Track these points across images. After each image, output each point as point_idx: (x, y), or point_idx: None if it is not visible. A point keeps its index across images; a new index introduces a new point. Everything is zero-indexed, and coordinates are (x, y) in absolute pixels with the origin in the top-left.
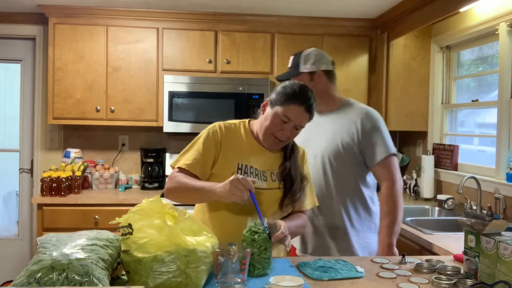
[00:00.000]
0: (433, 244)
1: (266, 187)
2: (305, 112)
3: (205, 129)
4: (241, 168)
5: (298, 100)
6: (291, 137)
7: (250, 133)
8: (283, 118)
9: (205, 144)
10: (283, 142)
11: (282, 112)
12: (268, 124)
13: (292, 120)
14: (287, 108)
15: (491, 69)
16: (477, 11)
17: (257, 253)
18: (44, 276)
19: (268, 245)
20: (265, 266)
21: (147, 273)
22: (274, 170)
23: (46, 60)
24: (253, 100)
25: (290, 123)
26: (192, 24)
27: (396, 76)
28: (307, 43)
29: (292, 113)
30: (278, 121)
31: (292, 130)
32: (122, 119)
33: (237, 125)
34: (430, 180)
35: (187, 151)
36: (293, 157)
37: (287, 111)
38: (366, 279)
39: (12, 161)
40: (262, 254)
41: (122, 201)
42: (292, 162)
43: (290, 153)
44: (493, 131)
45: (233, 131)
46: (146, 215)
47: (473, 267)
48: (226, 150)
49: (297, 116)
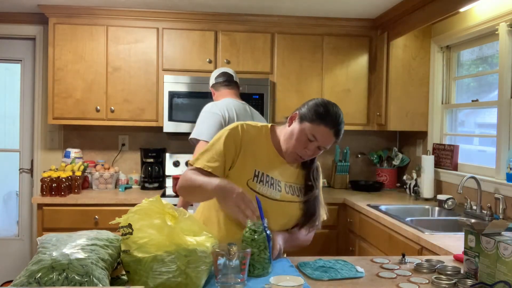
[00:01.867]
0: (433, 244)
1: (279, 198)
2: (333, 136)
3: (226, 128)
4: (258, 176)
5: (330, 122)
6: (313, 156)
7: (271, 141)
8: (309, 137)
9: (226, 145)
10: (303, 159)
11: (311, 130)
12: (293, 141)
13: (319, 140)
14: (316, 128)
15: (491, 69)
16: (477, 11)
17: (257, 253)
18: (44, 276)
19: (267, 245)
20: (265, 266)
21: (147, 273)
22: (290, 182)
23: (46, 60)
24: (253, 100)
25: (315, 142)
26: (192, 24)
27: (396, 76)
28: (307, 43)
29: (320, 134)
30: (304, 138)
31: (315, 149)
32: (122, 119)
33: (259, 129)
34: (430, 180)
35: (207, 150)
36: (318, 182)
37: (315, 131)
38: (366, 279)
39: (12, 161)
40: (262, 254)
41: (122, 201)
42: (317, 188)
43: (315, 176)
44: (493, 131)
45: (254, 134)
46: (146, 215)
47: (473, 267)
48: (245, 153)
49: (324, 138)
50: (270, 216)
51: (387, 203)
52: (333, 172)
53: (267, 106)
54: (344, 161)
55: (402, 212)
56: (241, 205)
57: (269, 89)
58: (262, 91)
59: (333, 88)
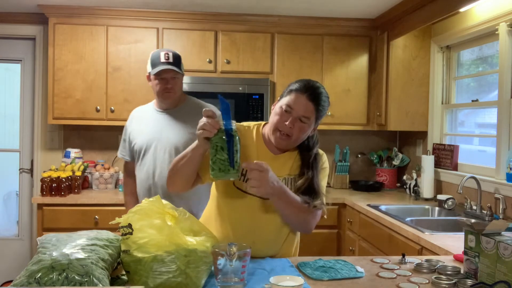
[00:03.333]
0: (433, 244)
1: None
2: (308, 101)
3: None
4: (245, 174)
5: (301, 89)
6: (295, 130)
7: (262, 137)
8: (285, 108)
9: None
10: (288, 138)
11: (285, 101)
12: (273, 120)
13: (294, 108)
14: (289, 98)
15: (491, 69)
16: (477, 11)
17: (213, 153)
18: (44, 276)
19: (225, 145)
20: (222, 168)
21: (147, 273)
22: (283, 175)
23: (46, 60)
24: (253, 100)
25: (292, 112)
26: (192, 24)
27: (396, 76)
28: (307, 43)
29: (293, 101)
30: (281, 111)
31: (295, 121)
32: (122, 119)
33: (250, 128)
34: (430, 180)
35: None
36: (315, 169)
37: (289, 100)
38: (366, 279)
39: (12, 161)
40: (218, 154)
41: (122, 201)
42: (314, 174)
43: (312, 163)
44: (493, 131)
45: (244, 133)
46: (146, 215)
47: (473, 267)
48: None
49: (299, 104)
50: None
51: (387, 203)
52: (333, 172)
53: (267, 106)
54: (344, 161)
55: (402, 212)
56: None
57: (269, 89)
58: (262, 91)
59: (333, 88)
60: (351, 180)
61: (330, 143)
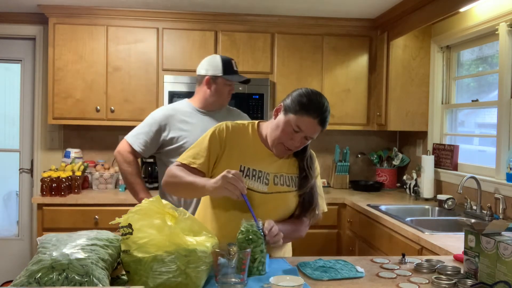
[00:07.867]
0: (433, 244)
1: (267, 191)
2: (318, 125)
3: (213, 127)
4: (243, 171)
5: (314, 112)
6: (300, 146)
7: (258, 136)
8: (295, 128)
9: (210, 141)
10: (291, 151)
11: (295, 121)
12: (278, 133)
13: (304, 131)
14: (300, 119)
15: (491, 69)
16: (477, 11)
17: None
18: (44, 276)
19: (263, 248)
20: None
21: (147, 273)
22: (280, 172)
23: (46, 60)
24: (253, 100)
25: (301, 133)
26: (192, 24)
27: (396, 76)
28: (307, 43)
29: (305, 124)
30: (290, 129)
31: (302, 140)
32: (122, 119)
33: (246, 126)
34: (430, 180)
35: (193, 147)
36: (312, 171)
37: (300, 122)
38: (366, 279)
39: (12, 161)
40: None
41: (122, 201)
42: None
43: (309, 165)
44: (493, 131)
45: (240, 131)
46: (146, 215)
47: (473, 267)
48: (231, 150)
49: (309, 128)
50: (260, 210)
51: (387, 203)
52: (333, 172)
53: (267, 106)
54: (344, 161)
55: (402, 212)
56: (230, 180)
57: (269, 89)
58: (262, 91)
59: (333, 88)
60: (351, 180)
61: (330, 143)
